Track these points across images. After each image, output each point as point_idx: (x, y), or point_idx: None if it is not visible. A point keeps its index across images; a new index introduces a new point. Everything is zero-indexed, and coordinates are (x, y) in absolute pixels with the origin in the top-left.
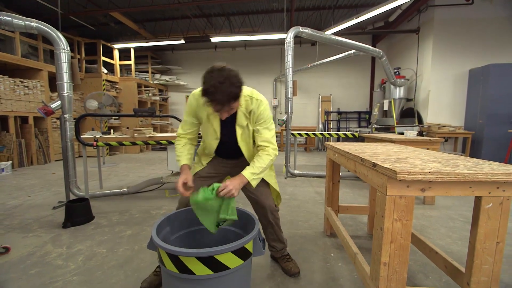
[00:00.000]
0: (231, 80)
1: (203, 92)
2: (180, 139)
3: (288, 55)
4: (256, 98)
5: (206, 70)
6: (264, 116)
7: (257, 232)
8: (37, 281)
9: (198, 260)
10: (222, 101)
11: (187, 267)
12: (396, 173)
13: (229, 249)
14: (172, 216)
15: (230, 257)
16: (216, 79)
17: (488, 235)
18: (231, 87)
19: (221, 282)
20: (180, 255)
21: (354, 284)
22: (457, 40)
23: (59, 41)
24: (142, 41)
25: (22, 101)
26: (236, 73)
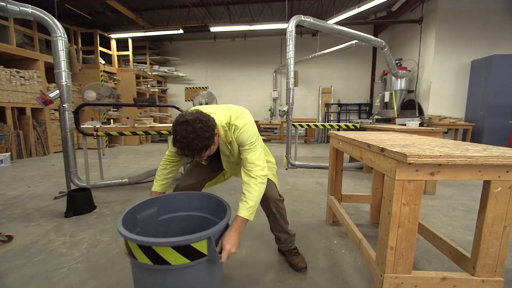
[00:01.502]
0: (197, 133)
1: (172, 144)
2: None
3: (290, 44)
4: (233, 124)
5: (175, 120)
6: (245, 140)
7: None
8: (42, 268)
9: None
10: (191, 155)
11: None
12: (406, 156)
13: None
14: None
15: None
16: (181, 134)
17: (496, 219)
18: (198, 141)
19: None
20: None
21: (357, 269)
22: (460, 30)
23: (55, 28)
24: (139, 31)
25: (19, 92)
26: (204, 123)
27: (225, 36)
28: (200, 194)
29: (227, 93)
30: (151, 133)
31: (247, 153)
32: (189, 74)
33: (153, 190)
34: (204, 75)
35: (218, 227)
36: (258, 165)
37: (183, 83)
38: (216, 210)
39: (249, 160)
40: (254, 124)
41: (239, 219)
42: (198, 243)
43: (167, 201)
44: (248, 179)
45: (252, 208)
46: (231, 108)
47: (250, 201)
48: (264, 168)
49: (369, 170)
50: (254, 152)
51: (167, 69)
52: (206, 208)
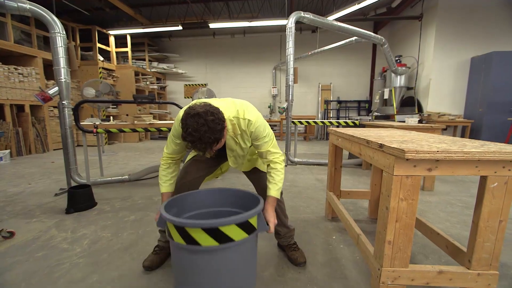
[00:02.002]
0: (209, 125)
1: (182, 138)
2: (165, 161)
3: (289, 41)
4: (243, 118)
5: (184, 114)
6: (260, 133)
7: (261, 208)
8: (43, 264)
9: (203, 231)
10: (203, 148)
11: (193, 238)
12: (404, 152)
13: (233, 221)
14: (179, 198)
15: (235, 230)
16: (193, 127)
17: (491, 214)
18: (210, 133)
19: (226, 253)
20: (186, 226)
21: (355, 264)
22: (460, 27)
23: (54, 24)
24: (138, 27)
25: (17, 89)
26: (215, 115)
27: (224, 33)
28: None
29: (226, 90)
30: (150, 130)
31: (267, 145)
32: (188, 71)
33: (164, 192)
34: (204, 72)
35: (260, 207)
36: (277, 152)
37: (182, 80)
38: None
39: (270, 150)
40: (261, 115)
41: (272, 198)
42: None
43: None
44: (274, 164)
45: (280, 189)
46: (236, 102)
47: (279, 182)
48: (282, 153)
49: (368, 167)
50: (271, 142)
51: (166, 66)
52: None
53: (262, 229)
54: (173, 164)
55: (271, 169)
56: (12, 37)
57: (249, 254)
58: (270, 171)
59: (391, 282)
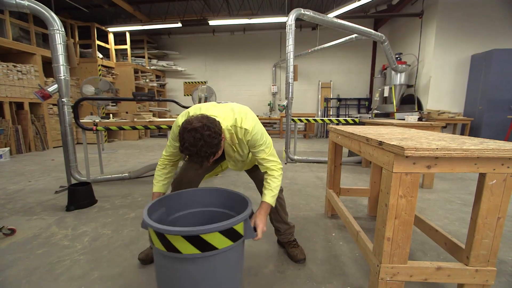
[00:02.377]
0: (205, 140)
1: (180, 150)
2: (163, 162)
3: (289, 38)
4: (240, 127)
5: (181, 127)
6: (256, 141)
7: (249, 213)
8: (45, 260)
9: (184, 239)
10: (200, 162)
11: (173, 246)
12: (404, 149)
13: (216, 228)
14: (167, 198)
15: (218, 237)
16: (189, 142)
17: (490, 211)
18: (207, 148)
19: (209, 261)
20: (166, 233)
21: (355, 261)
22: (461, 24)
23: (52, 21)
24: (137, 24)
25: (16, 87)
26: (212, 130)
27: (224, 30)
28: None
29: (226, 87)
30: (150, 128)
31: (263, 153)
32: (188, 69)
33: (155, 191)
34: (203, 69)
35: (248, 212)
36: (275, 160)
37: (182, 78)
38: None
39: (267, 158)
40: (259, 123)
41: (266, 205)
42: (238, 225)
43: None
44: (270, 172)
45: (275, 196)
46: (235, 110)
47: (274, 189)
48: (279, 161)
49: (368, 165)
50: (268, 149)
51: (166, 63)
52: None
53: (249, 236)
54: (169, 165)
55: (268, 175)
56: (10, 34)
57: (234, 262)
58: (266, 177)
59: (390, 278)
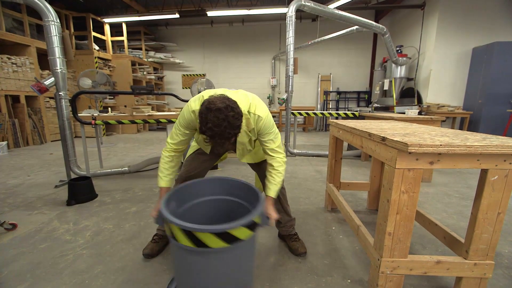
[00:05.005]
0: (229, 121)
1: (200, 131)
2: (169, 152)
3: (289, 30)
4: (253, 113)
5: (203, 107)
6: (267, 129)
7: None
8: (48, 255)
9: (213, 235)
10: (221, 143)
11: (202, 242)
12: (408, 145)
13: (242, 224)
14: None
15: (243, 231)
16: (213, 122)
17: (490, 206)
18: (230, 129)
19: (234, 252)
20: (195, 231)
21: (355, 254)
22: (463, 17)
23: (47, 12)
24: (134, 15)
25: (11, 79)
26: (235, 111)
27: (222, 21)
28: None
29: (224, 80)
30: (150, 122)
31: (272, 143)
32: (186, 61)
33: (164, 186)
34: (201, 61)
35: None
36: (282, 153)
37: (180, 70)
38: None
39: (275, 149)
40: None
41: (271, 198)
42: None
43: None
44: (276, 164)
45: (279, 189)
46: (248, 96)
47: (278, 184)
48: (284, 155)
49: (367, 158)
50: (276, 140)
51: (163, 56)
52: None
53: (264, 224)
54: (176, 157)
55: (273, 169)
56: (3, 25)
57: (252, 248)
58: (271, 171)
59: (390, 272)
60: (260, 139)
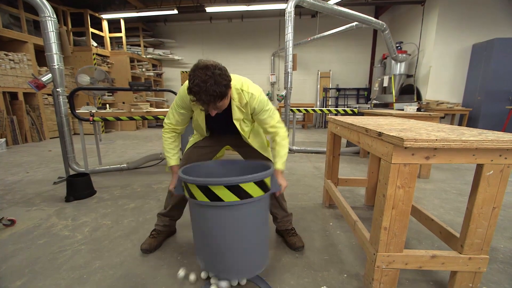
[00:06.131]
0: (215, 79)
1: (188, 91)
2: (168, 133)
3: (288, 26)
4: (247, 92)
5: (193, 66)
6: (262, 106)
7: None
8: (46, 250)
9: (226, 188)
10: (207, 100)
11: (216, 195)
12: (403, 140)
13: (252, 178)
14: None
15: (253, 187)
16: (200, 78)
17: (486, 201)
18: (215, 87)
19: (246, 208)
20: (209, 185)
21: (352, 249)
22: (464, 12)
23: (43, 8)
24: (132, 11)
25: (9, 76)
26: (223, 71)
27: (221, 17)
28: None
29: None
30: (148, 118)
31: (271, 119)
32: (185, 58)
33: (174, 164)
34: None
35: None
36: (282, 127)
37: (179, 67)
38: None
39: (275, 125)
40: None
41: (279, 170)
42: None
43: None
44: (279, 139)
45: (285, 162)
46: (240, 76)
47: (284, 156)
48: (285, 129)
49: (366, 155)
50: (275, 116)
51: (162, 52)
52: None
53: (275, 189)
54: (176, 136)
55: (277, 144)
56: (0, 21)
57: (265, 210)
58: (276, 146)
59: (386, 266)
60: (259, 118)
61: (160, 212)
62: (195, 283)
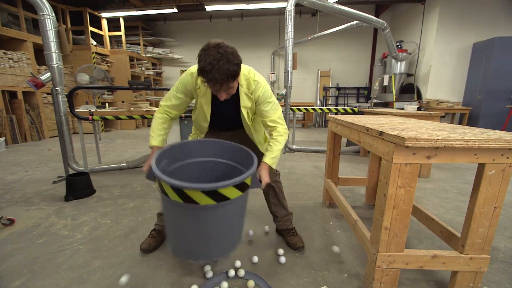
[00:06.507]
0: (228, 57)
1: (199, 71)
2: (162, 114)
3: (289, 25)
4: (253, 79)
5: (202, 48)
6: (266, 97)
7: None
8: (45, 250)
9: (202, 193)
10: (220, 80)
11: (191, 198)
12: (404, 139)
13: (232, 183)
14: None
15: (232, 190)
16: (212, 57)
17: (487, 200)
18: (228, 65)
19: (222, 209)
20: (185, 189)
21: (352, 249)
22: (464, 11)
23: (42, 6)
24: (131, 9)
25: (8, 75)
26: (234, 50)
27: (221, 16)
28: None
29: None
30: (147, 117)
31: (272, 113)
32: (185, 56)
33: (155, 145)
34: None
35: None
36: (282, 123)
37: (179, 66)
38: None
39: (276, 120)
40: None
41: (266, 164)
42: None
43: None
44: (276, 134)
45: (275, 158)
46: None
47: (276, 152)
48: (286, 127)
49: (366, 154)
50: (277, 110)
51: (162, 51)
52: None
53: (255, 186)
54: (168, 119)
55: (272, 138)
56: None
57: (242, 207)
58: (270, 141)
59: (386, 266)
60: (261, 109)
61: (160, 212)
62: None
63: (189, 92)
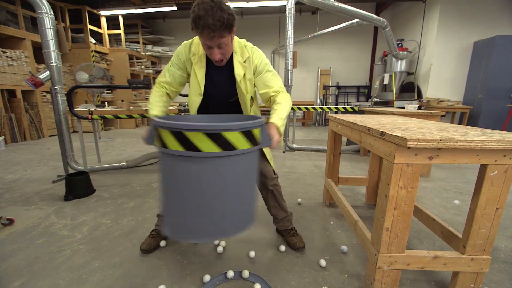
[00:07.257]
0: (221, 6)
1: (193, 22)
2: (159, 88)
3: (289, 23)
4: (250, 47)
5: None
6: (266, 66)
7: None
8: (45, 250)
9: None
10: (213, 26)
11: (193, 144)
12: (406, 140)
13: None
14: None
15: (238, 137)
16: (206, 4)
17: (489, 202)
18: (222, 13)
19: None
20: (186, 131)
21: (352, 249)
22: (465, 9)
23: (40, 4)
24: (131, 7)
25: (7, 73)
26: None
27: None
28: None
29: None
30: (147, 116)
31: (274, 82)
32: None
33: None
34: None
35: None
36: (285, 91)
37: None
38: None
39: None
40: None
41: (273, 124)
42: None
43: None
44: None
45: (283, 120)
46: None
47: (283, 114)
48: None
49: (366, 153)
50: (278, 79)
51: (161, 49)
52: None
53: (265, 144)
54: (166, 94)
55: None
56: None
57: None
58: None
59: (387, 267)
60: (262, 79)
61: (159, 213)
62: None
63: (183, 64)
